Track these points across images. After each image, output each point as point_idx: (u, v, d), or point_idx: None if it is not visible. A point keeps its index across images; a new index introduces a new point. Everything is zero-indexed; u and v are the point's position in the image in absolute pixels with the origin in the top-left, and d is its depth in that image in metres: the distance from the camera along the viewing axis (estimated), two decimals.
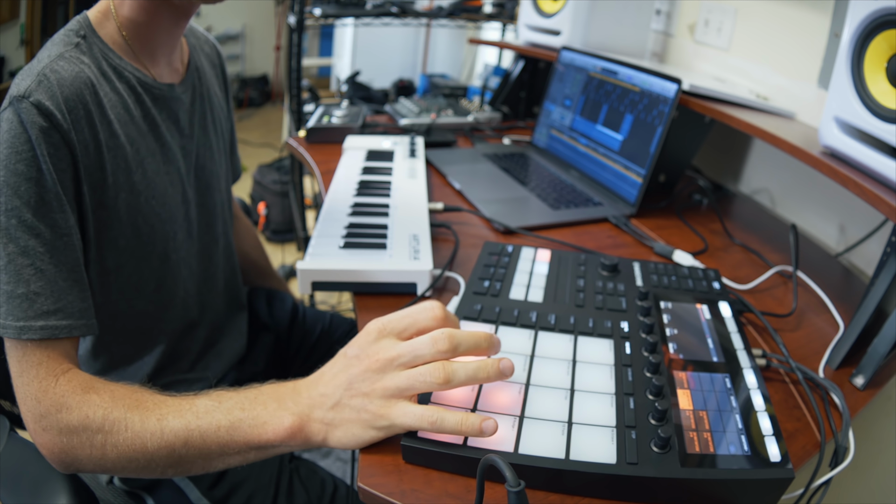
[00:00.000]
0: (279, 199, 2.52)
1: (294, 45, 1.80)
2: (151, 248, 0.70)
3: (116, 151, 0.64)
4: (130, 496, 0.75)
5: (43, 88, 0.56)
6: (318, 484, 0.77)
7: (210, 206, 0.82)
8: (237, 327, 0.93)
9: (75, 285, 0.58)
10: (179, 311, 0.77)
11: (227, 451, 0.51)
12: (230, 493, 0.73)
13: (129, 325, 0.73)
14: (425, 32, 3.68)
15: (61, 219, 0.57)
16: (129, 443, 0.52)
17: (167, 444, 0.51)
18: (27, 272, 0.55)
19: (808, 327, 0.76)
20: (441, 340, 0.48)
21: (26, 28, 2.80)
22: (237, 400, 0.52)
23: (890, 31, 0.68)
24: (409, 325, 0.51)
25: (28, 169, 0.55)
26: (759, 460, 0.48)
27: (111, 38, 0.66)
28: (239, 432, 0.50)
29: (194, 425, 0.51)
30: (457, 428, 0.46)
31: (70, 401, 0.53)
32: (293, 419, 0.49)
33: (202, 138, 0.80)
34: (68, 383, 0.55)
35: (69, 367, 0.56)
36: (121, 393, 0.54)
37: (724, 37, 1.25)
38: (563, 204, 1.02)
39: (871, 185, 0.69)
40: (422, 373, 0.48)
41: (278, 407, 0.50)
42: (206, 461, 0.52)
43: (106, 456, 0.53)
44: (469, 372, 0.48)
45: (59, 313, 0.56)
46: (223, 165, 0.87)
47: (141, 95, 0.68)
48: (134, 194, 0.66)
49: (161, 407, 0.53)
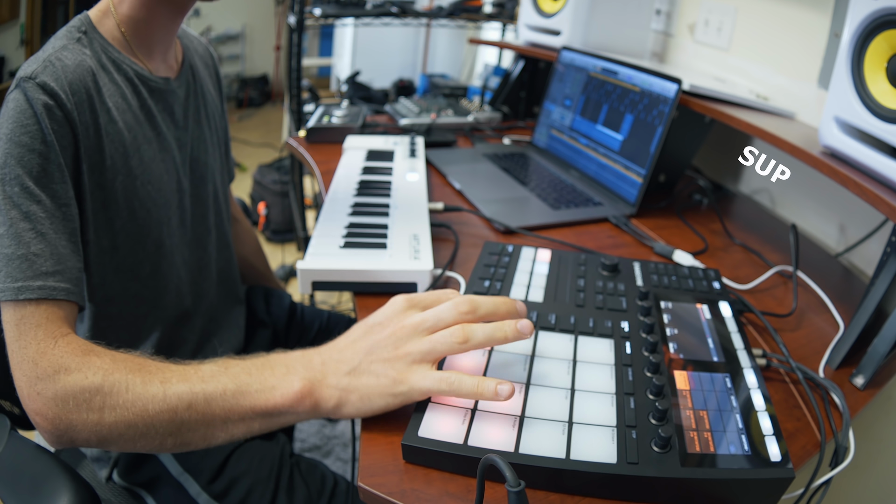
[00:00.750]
0: (279, 199, 2.52)
1: (294, 45, 1.80)
2: (147, 232, 0.72)
3: (115, 136, 0.66)
4: (129, 493, 0.75)
5: (49, 72, 0.59)
6: (318, 479, 0.77)
7: (203, 197, 0.84)
8: (235, 321, 0.93)
9: (74, 254, 0.60)
10: (173, 297, 0.78)
11: (232, 416, 0.49)
12: (230, 487, 0.73)
13: (124, 310, 0.74)
14: (425, 32, 3.68)
15: (62, 189, 0.59)
16: (130, 405, 0.49)
17: (170, 408, 0.49)
18: (28, 235, 0.56)
19: (808, 327, 0.76)
20: (462, 303, 0.51)
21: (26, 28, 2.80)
22: (244, 366, 0.51)
23: (890, 31, 0.68)
24: (434, 300, 0.53)
25: (32, 141, 0.57)
26: (760, 460, 0.48)
27: (110, 34, 0.69)
28: (246, 397, 0.49)
29: (199, 388, 0.49)
30: (473, 390, 0.48)
31: (69, 362, 0.51)
32: (303, 383, 0.49)
33: (196, 131, 0.82)
34: (67, 345, 0.53)
35: (68, 331, 0.55)
36: (122, 357, 0.53)
37: (724, 37, 1.25)
38: (563, 204, 1.02)
39: (871, 185, 0.69)
40: (443, 334, 0.50)
41: (287, 371, 0.50)
42: (209, 429, 0.50)
43: (103, 420, 0.50)
44: (487, 332, 0.50)
45: (58, 275, 0.56)
46: (218, 159, 0.89)
47: (138, 87, 0.71)
48: (131, 178, 0.68)
49: (164, 371, 0.51)
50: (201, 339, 0.85)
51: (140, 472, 0.75)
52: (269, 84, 4.70)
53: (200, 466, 0.73)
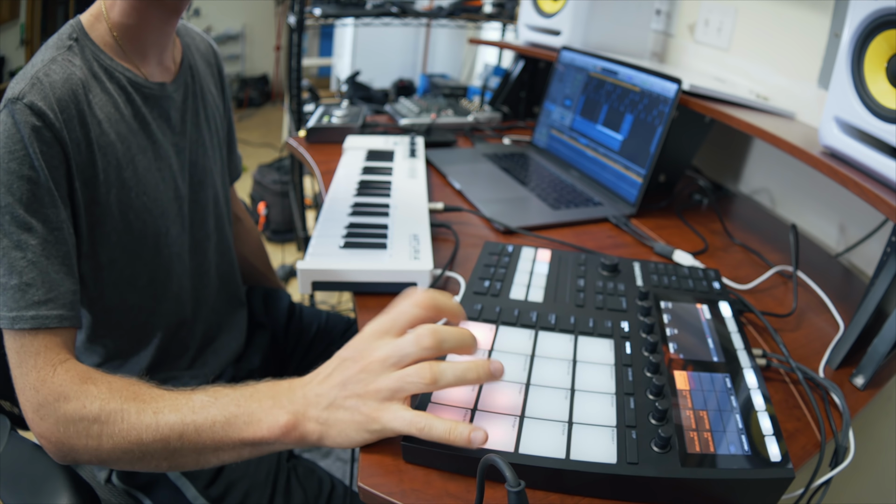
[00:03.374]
0: (279, 199, 2.52)
1: (294, 45, 1.80)
2: (143, 243, 0.71)
3: (107, 149, 0.66)
4: (128, 495, 0.75)
5: (36, 90, 0.58)
6: (315, 483, 0.77)
7: (202, 202, 0.83)
8: (237, 324, 0.93)
9: (67, 277, 0.60)
10: (173, 305, 0.78)
11: (222, 446, 0.51)
12: (227, 491, 0.73)
13: (123, 320, 0.74)
14: (425, 32, 3.68)
15: (53, 214, 0.59)
16: (125, 434, 0.52)
17: (162, 437, 0.51)
18: (20, 264, 0.57)
19: (808, 327, 0.76)
20: (424, 337, 0.48)
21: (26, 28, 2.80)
22: (233, 396, 0.52)
23: (890, 31, 0.68)
24: (395, 318, 0.51)
25: (20, 167, 0.57)
26: (760, 460, 0.48)
27: (102, 40, 0.68)
28: (234, 428, 0.50)
29: (189, 419, 0.51)
30: (445, 436, 0.46)
31: (68, 390, 0.54)
32: (288, 417, 0.49)
33: (195, 135, 0.81)
34: (66, 373, 0.55)
35: (67, 357, 0.57)
36: (118, 385, 0.55)
37: (724, 37, 1.25)
38: (563, 204, 1.02)
39: (871, 185, 0.69)
40: (409, 373, 0.47)
41: (273, 405, 0.50)
42: (200, 455, 0.52)
43: (102, 447, 0.53)
44: (458, 372, 0.48)
45: (50, 303, 0.57)
46: (218, 162, 0.88)
47: (131, 95, 0.70)
48: (125, 190, 0.68)
49: (158, 400, 0.53)
50: (203, 343, 0.85)
51: (138, 475, 0.75)
52: (269, 84, 4.70)
53: (197, 471, 0.73)
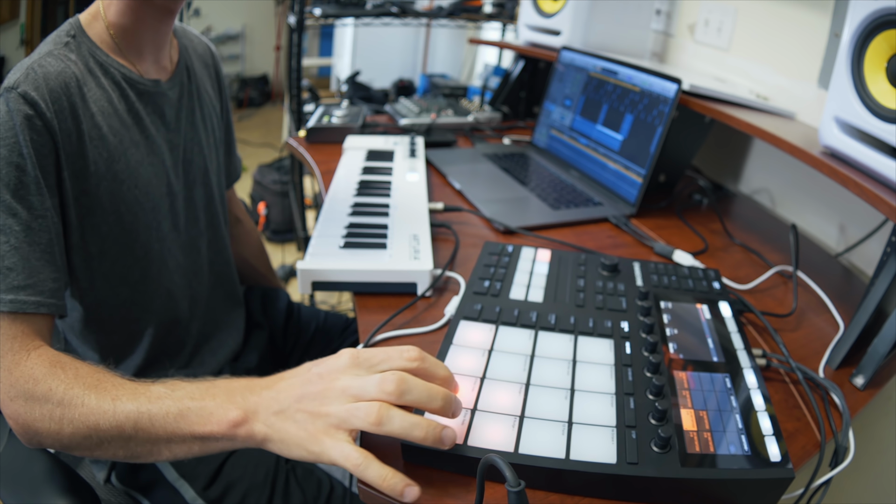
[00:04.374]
0: (279, 199, 2.52)
1: (294, 45, 1.80)
2: (134, 237, 0.72)
3: (99, 142, 0.66)
4: (127, 496, 0.75)
5: (30, 80, 0.60)
6: (314, 484, 0.77)
7: (196, 200, 0.83)
8: (234, 323, 0.93)
9: (48, 265, 0.61)
10: (166, 302, 0.78)
11: (173, 438, 0.51)
12: (225, 492, 0.73)
13: (115, 315, 0.74)
14: (425, 32, 3.68)
15: (38, 201, 0.60)
16: (84, 419, 0.52)
17: (118, 425, 0.52)
18: (2, 249, 0.58)
19: (808, 327, 0.76)
20: (388, 381, 0.46)
21: (26, 28, 2.81)
22: (189, 390, 0.52)
23: (890, 31, 0.68)
24: (382, 360, 0.49)
25: (10, 154, 0.58)
26: (760, 460, 0.48)
27: (99, 38, 0.69)
28: (185, 421, 0.50)
29: (145, 409, 0.51)
30: (378, 481, 0.44)
31: (38, 373, 0.55)
32: (238, 413, 0.49)
33: (190, 133, 0.82)
34: (38, 357, 0.56)
35: (41, 343, 0.58)
36: (84, 371, 0.56)
37: (724, 37, 1.25)
38: (563, 204, 1.02)
39: (871, 185, 0.69)
40: (359, 408, 0.46)
41: (226, 400, 0.50)
42: (154, 446, 0.52)
43: (63, 431, 0.54)
44: (405, 424, 0.46)
45: (30, 289, 0.58)
46: (214, 162, 0.88)
47: (125, 90, 0.71)
48: (116, 183, 0.69)
49: (118, 388, 0.54)
50: (199, 341, 0.85)
51: (137, 476, 0.75)
52: (269, 84, 4.70)
53: (196, 472, 0.73)
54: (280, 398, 0.49)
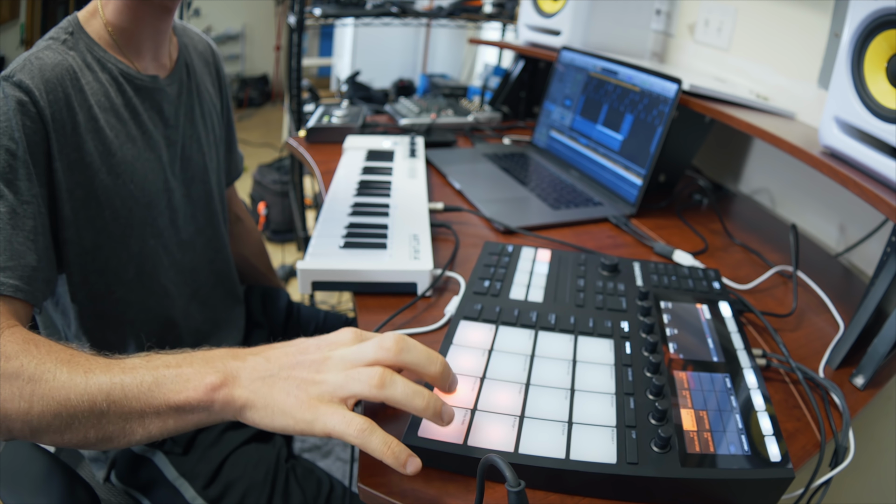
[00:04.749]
0: (279, 199, 2.52)
1: (294, 45, 1.80)
2: (129, 232, 0.72)
3: (96, 134, 0.67)
4: (126, 495, 0.75)
5: (26, 70, 0.61)
6: (314, 484, 0.77)
7: (195, 197, 0.83)
8: (234, 322, 0.93)
9: (30, 252, 0.59)
10: (162, 299, 0.78)
11: (147, 411, 0.48)
12: (225, 491, 0.73)
13: (109, 311, 0.74)
14: (425, 32, 3.68)
15: (26, 187, 0.60)
16: (54, 394, 0.49)
17: (90, 398, 0.48)
18: None
19: (808, 327, 0.76)
20: (387, 338, 0.45)
21: (26, 28, 2.81)
22: (166, 359, 0.50)
23: (890, 31, 0.68)
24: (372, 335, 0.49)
25: (1, 137, 0.58)
26: (760, 460, 0.48)
27: (97, 34, 0.69)
28: (161, 389, 0.47)
29: (118, 379, 0.48)
30: (381, 449, 0.43)
31: (10, 350, 0.52)
32: (216, 377, 0.46)
33: (189, 130, 0.81)
34: (12, 335, 0.54)
35: (15, 323, 0.56)
36: (58, 348, 0.53)
37: (724, 37, 1.25)
38: (563, 204, 1.02)
39: (871, 185, 0.69)
40: (359, 371, 0.45)
41: (205, 365, 0.48)
42: (126, 423, 0.49)
43: (32, 409, 0.49)
44: (408, 391, 0.45)
45: (8, 271, 0.57)
46: (214, 160, 0.88)
47: (123, 85, 0.71)
48: (112, 176, 0.69)
49: (91, 362, 0.51)
50: (198, 340, 0.85)
51: (136, 475, 0.75)
52: (269, 84, 4.70)
53: (196, 471, 0.73)
54: (269, 365, 0.47)
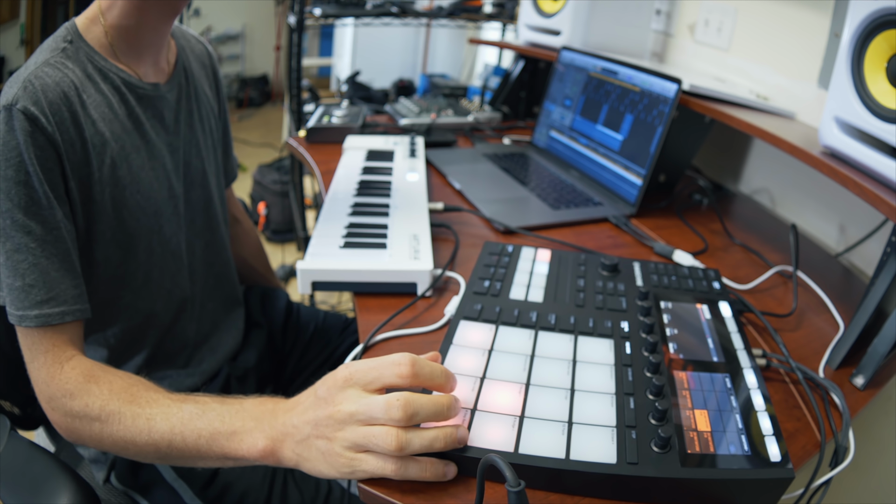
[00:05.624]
0: (279, 199, 2.52)
1: (294, 45, 1.80)
2: (137, 241, 0.72)
3: (102, 148, 0.67)
4: (126, 497, 0.75)
5: (28, 95, 0.60)
6: (312, 485, 0.77)
7: (195, 202, 0.83)
8: (233, 323, 0.93)
9: (67, 274, 0.63)
10: (167, 303, 0.78)
11: (206, 456, 0.55)
12: (223, 493, 0.73)
13: (117, 317, 0.74)
14: (425, 32, 3.68)
15: (50, 215, 0.61)
16: (122, 435, 0.57)
17: (153, 443, 0.56)
18: (22, 266, 0.60)
19: (808, 327, 0.76)
20: (395, 409, 0.46)
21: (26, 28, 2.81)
22: (220, 412, 0.55)
23: (890, 31, 0.68)
24: (374, 378, 0.49)
25: (17, 173, 0.59)
26: (760, 460, 0.48)
27: (97, 42, 0.68)
28: (216, 443, 0.53)
29: (178, 430, 0.55)
30: (421, 475, 0.47)
31: (73, 388, 0.59)
32: (266, 443, 0.51)
33: (188, 135, 0.81)
34: (72, 370, 0.60)
35: (73, 353, 0.62)
36: (118, 386, 0.59)
37: (724, 37, 1.25)
38: (563, 204, 1.02)
39: (871, 185, 0.69)
40: (376, 435, 0.46)
41: (255, 427, 0.52)
42: (188, 460, 0.57)
43: (103, 441, 0.59)
44: (424, 442, 0.47)
45: (52, 302, 0.61)
46: (212, 163, 0.88)
47: (125, 95, 0.70)
48: (119, 188, 0.69)
49: (152, 405, 0.57)
50: (198, 341, 0.85)
51: (136, 476, 0.75)
52: (269, 84, 4.70)
53: (194, 473, 0.73)
54: (299, 427, 0.50)
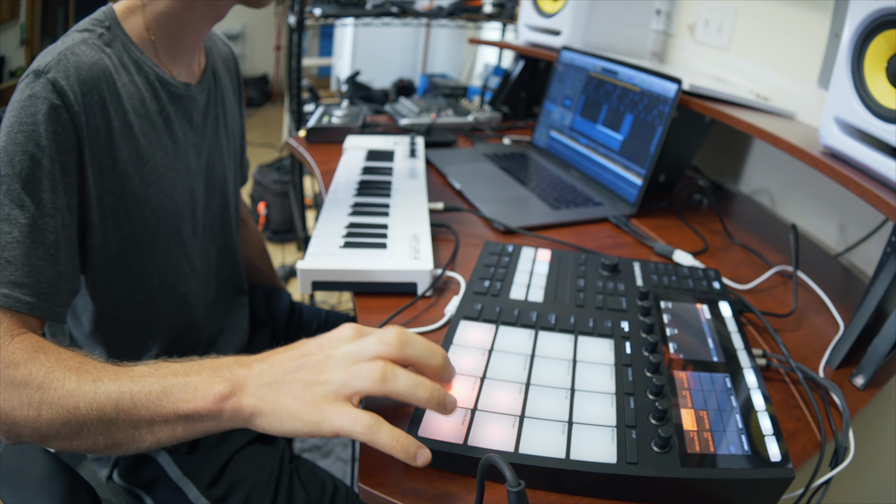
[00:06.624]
0: (279, 199, 2.52)
1: (294, 45, 1.80)
2: (155, 241, 0.70)
3: (129, 141, 0.64)
4: (129, 493, 0.75)
5: (61, 67, 0.57)
6: (318, 485, 0.77)
7: (213, 207, 0.82)
8: (239, 324, 0.93)
9: (50, 267, 0.58)
10: (179, 307, 0.78)
11: (156, 418, 0.48)
12: (229, 492, 0.73)
13: (128, 317, 0.73)
14: (425, 32, 3.68)
15: (49, 198, 0.57)
16: (63, 402, 0.49)
17: (99, 406, 0.49)
18: (5, 239, 0.55)
19: (808, 327, 0.76)
20: (388, 332, 0.45)
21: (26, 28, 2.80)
22: (173, 368, 0.50)
23: (890, 31, 0.68)
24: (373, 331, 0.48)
25: (27, 141, 0.55)
26: (760, 460, 0.48)
27: (136, 34, 0.66)
28: (169, 398, 0.48)
29: (126, 388, 0.48)
30: (390, 443, 0.43)
31: (19, 358, 0.52)
32: (224, 386, 0.47)
33: (214, 140, 0.81)
34: (21, 342, 0.54)
35: (25, 331, 0.56)
36: (67, 355, 0.53)
37: (724, 37, 1.25)
38: (563, 204, 1.02)
39: (871, 185, 0.69)
40: (360, 367, 0.44)
41: (213, 374, 0.48)
42: (136, 430, 0.49)
43: (41, 416, 0.50)
44: (410, 383, 0.44)
45: (26, 288, 0.56)
46: (232, 169, 0.88)
47: (158, 91, 0.68)
48: (143, 185, 0.66)
49: (100, 370, 0.51)
50: (207, 343, 0.85)
51: (140, 473, 0.75)
52: (269, 84, 4.70)
53: (200, 471, 0.73)
54: (274, 370, 0.47)
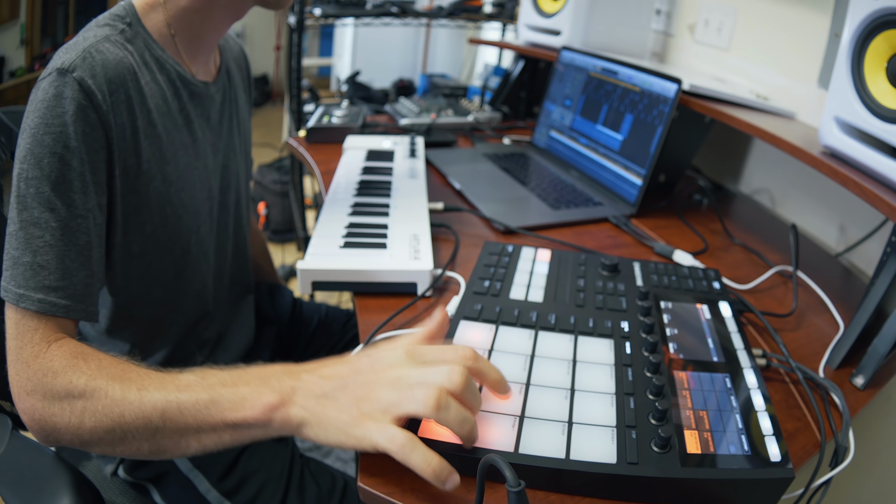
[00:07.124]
0: (279, 199, 2.52)
1: (294, 45, 1.80)
2: (175, 239, 0.70)
3: (153, 140, 0.64)
4: (135, 488, 0.75)
5: (87, 65, 0.55)
6: (328, 479, 0.77)
7: (227, 205, 0.83)
8: (245, 321, 0.93)
9: (83, 268, 0.57)
10: (194, 302, 0.78)
11: (203, 427, 0.49)
12: (241, 484, 0.72)
13: (143, 313, 0.73)
14: (425, 32, 3.68)
15: (80, 200, 0.56)
16: (108, 411, 0.50)
17: (144, 415, 0.49)
18: (37, 242, 0.54)
19: (808, 327, 0.76)
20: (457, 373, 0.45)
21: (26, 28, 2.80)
22: (220, 377, 0.50)
23: (890, 31, 0.68)
24: (436, 357, 0.48)
25: (55, 143, 0.54)
26: (760, 460, 0.48)
27: (156, 31, 0.65)
28: (217, 407, 0.48)
29: (173, 397, 0.49)
30: (422, 465, 0.43)
31: (57, 365, 0.52)
32: (274, 397, 0.47)
33: (228, 138, 0.81)
34: (59, 349, 0.54)
35: (62, 336, 0.56)
36: (107, 362, 0.53)
37: (724, 37, 1.25)
38: (563, 204, 1.02)
39: (871, 185, 0.69)
40: (415, 392, 0.45)
41: (261, 384, 0.49)
42: (181, 438, 0.50)
43: (83, 424, 0.51)
44: (459, 417, 0.45)
45: (61, 291, 0.55)
46: (242, 167, 0.88)
47: (179, 90, 0.68)
48: (166, 184, 0.66)
49: (144, 378, 0.51)
50: (215, 340, 0.85)
51: (147, 467, 0.74)
52: (269, 84, 4.70)
53: (211, 463, 0.73)
54: (324, 383, 0.48)
